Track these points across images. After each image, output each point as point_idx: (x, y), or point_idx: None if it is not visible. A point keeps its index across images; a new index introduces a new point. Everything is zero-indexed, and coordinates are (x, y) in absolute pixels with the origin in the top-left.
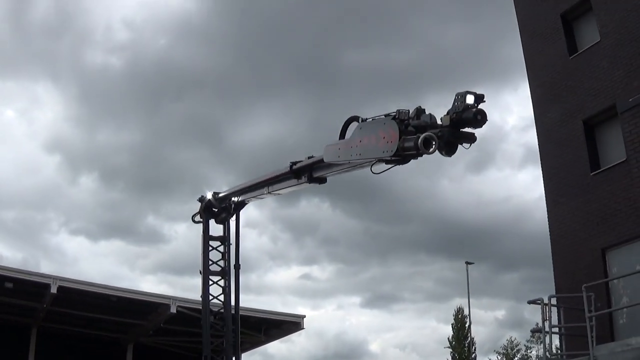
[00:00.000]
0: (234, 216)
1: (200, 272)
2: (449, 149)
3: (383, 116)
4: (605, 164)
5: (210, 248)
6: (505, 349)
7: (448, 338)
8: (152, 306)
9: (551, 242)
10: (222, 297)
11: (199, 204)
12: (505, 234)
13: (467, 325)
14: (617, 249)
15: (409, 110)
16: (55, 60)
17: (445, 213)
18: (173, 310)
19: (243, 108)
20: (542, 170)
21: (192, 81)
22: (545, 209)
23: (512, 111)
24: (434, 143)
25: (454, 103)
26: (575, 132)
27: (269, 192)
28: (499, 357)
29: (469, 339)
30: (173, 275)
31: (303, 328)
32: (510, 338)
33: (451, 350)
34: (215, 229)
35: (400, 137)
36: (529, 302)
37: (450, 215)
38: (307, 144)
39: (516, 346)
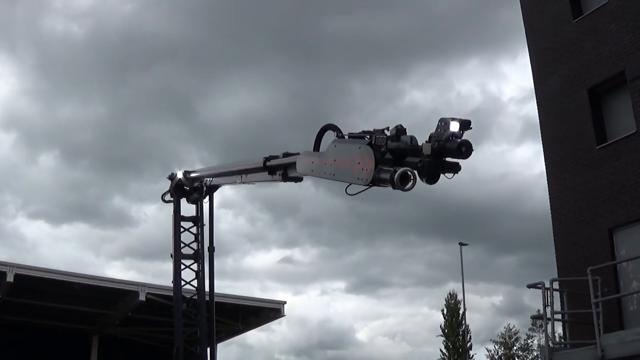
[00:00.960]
0: (207, 197)
1: (172, 256)
2: (429, 179)
3: (362, 132)
4: (612, 136)
5: (182, 229)
6: (503, 338)
7: (440, 325)
8: (120, 294)
9: (553, 222)
10: (195, 283)
11: (169, 182)
12: (503, 214)
13: (461, 312)
14: (625, 229)
15: (386, 135)
16: (9, 29)
17: (438, 191)
18: (142, 297)
19: (217, 79)
20: (543, 144)
21: (161, 50)
22: (547, 186)
23: (509, 81)
24: (411, 180)
25: (436, 129)
26: (579, 102)
27: (242, 182)
28: (497, 347)
29: (464, 326)
30: (142, 261)
31: (284, 315)
32: (509, 326)
33: (444, 338)
34: (187, 209)
35: (376, 166)
36: (529, 286)
37: (443, 193)
38: (289, 117)
39: (515, 334)
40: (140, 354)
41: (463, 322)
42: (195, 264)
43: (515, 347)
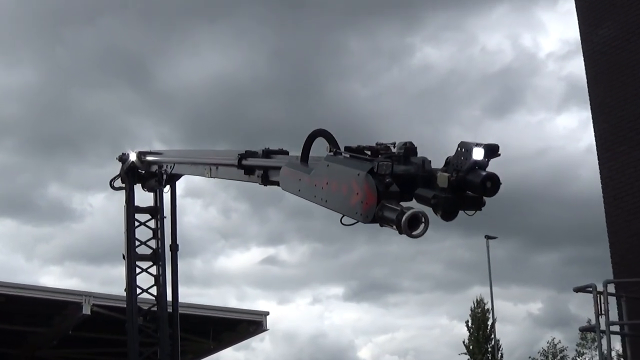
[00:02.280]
0: (168, 186)
1: (124, 257)
2: (445, 215)
3: (360, 147)
4: None
5: (136, 224)
6: (544, 356)
7: (464, 341)
8: (57, 306)
9: (605, 208)
10: (154, 291)
11: (120, 165)
12: (541, 199)
13: (489, 324)
14: None
15: (391, 153)
16: None
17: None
18: (86, 310)
19: (179, 35)
20: (592, 110)
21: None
22: (597, 163)
23: (548, 33)
24: (422, 224)
25: (455, 155)
26: (639, 56)
27: (211, 176)
28: None
29: (493, 342)
30: (87, 265)
31: (266, 329)
32: (552, 340)
33: (469, 357)
34: (144, 198)
35: (378, 201)
36: (576, 290)
37: None
38: (269, 82)
39: (560, 352)
40: None
41: (492, 336)
42: (154, 267)
43: None
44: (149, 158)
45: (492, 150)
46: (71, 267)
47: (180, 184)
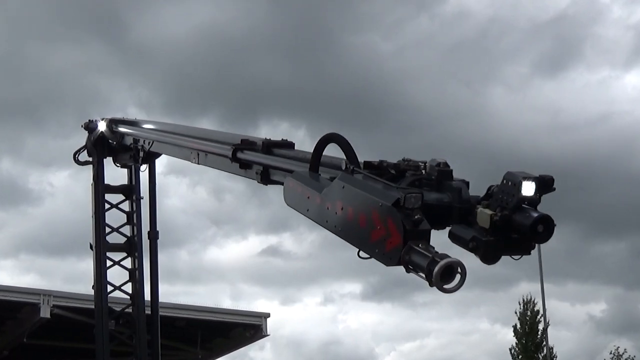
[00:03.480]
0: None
1: (92, 247)
2: (486, 260)
3: (382, 163)
4: None
5: (107, 206)
6: None
7: (510, 349)
8: (9, 309)
9: None
10: (129, 288)
11: (86, 134)
12: (603, 176)
13: (541, 328)
14: None
15: (421, 175)
16: None
17: (500, 142)
18: (45, 313)
19: None
20: None
21: None
22: None
23: None
24: (458, 276)
25: (500, 187)
26: None
27: (198, 163)
28: None
29: (546, 350)
30: (47, 258)
31: (266, 335)
32: (616, 350)
33: None
34: (116, 175)
35: (405, 242)
36: None
37: (507, 145)
38: (269, 36)
39: None
40: None
41: (544, 343)
42: (129, 259)
43: None
44: (122, 129)
45: (545, 185)
46: (27, 260)
47: (161, 159)
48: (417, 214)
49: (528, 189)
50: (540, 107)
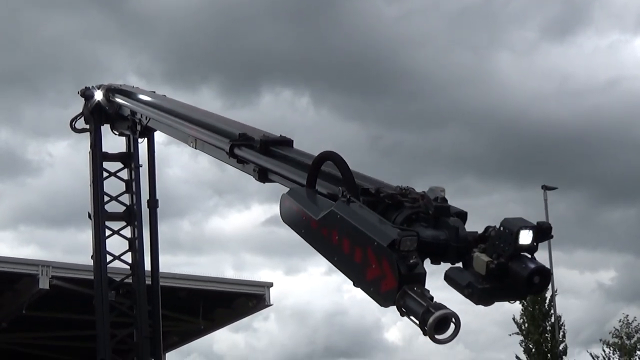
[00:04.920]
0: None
1: (90, 216)
2: (481, 303)
3: (379, 191)
4: None
5: (105, 174)
6: (618, 336)
7: (514, 318)
8: (7, 280)
9: None
10: (129, 257)
11: (83, 101)
12: (612, 141)
13: (548, 297)
14: None
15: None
16: None
17: (508, 109)
18: (44, 284)
19: None
20: None
21: None
22: None
23: None
24: (452, 328)
25: (498, 234)
26: None
27: (196, 148)
28: (608, 350)
29: (553, 319)
30: (47, 229)
31: (270, 305)
32: (626, 318)
33: (522, 338)
34: (115, 143)
35: (399, 287)
36: None
37: (515, 112)
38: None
39: (637, 331)
40: None
41: (552, 312)
42: (129, 228)
43: (638, 353)
44: (119, 100)
45: (543, 233)
46: (27, 232)
47: None
48: (413, 256)
49: (525, 238)
50: (548, 73)
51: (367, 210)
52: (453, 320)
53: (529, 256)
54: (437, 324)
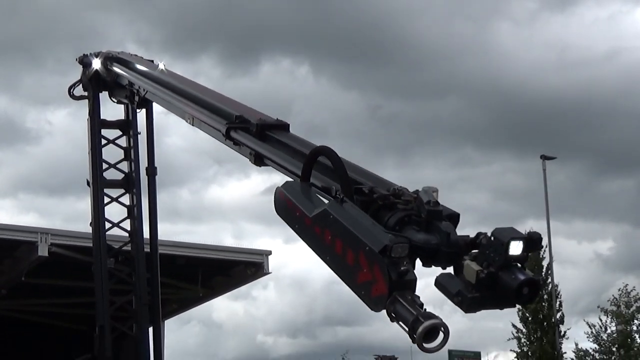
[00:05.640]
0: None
1: (89, 184)
2: (470, 311)
3: (372, 190)
4: None
5: (104, 142)
6: (616, 305)
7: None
8: (7, 248)
9: None
10: (127, 225)
11: (81, 68)
12: (611, 112)
13: (545, 265)
14: None
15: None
16: None
17: (507, 80)
18: (43, 251)
19: None
20: None
21: None
22: None
23: None
24: (440, 336)
25: (489, 243)
26: None
27: (193, 125)
28: (606, 319)
29: (550, 288)
30: (47, 198)
31: (268, 272)
32: (625, 288)
33: (519, 307)
34: (113, 110)
35: (389, 293)
36: None
37: (515, 83)
38: None
39: (636, 300)
40: (42, 340)
41: (549, 281)
42: (127, 196)
43: (636, 322)
44: (117, 69)
45: (533, 244)
46: (27, 200)
47: None
48: (404, 262)
49: (516, 248)
50: (548, 43)
51: (360, 212)
52: (442, 329)
53: (519, 265)
54: (426, 333)
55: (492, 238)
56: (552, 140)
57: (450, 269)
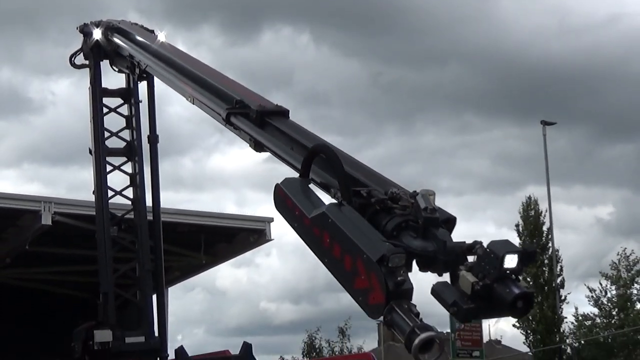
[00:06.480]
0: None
1: (91, 152)
2: (465, 321)
3: (370, 193)
4: None
5: (105, 110)
6: (615, 269)
7: None
8: (10, 216)
9: None
10: (130, 192)
11: (82, 37)
12: (612, 78)
13: (545, 229)
14: None
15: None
16: None
17: (508, 46)
18: (46, 220)
19: None
20: None
21: None
22: None
23: None
24: (435, 348)
25: (484, 255)
26: None
27: (193, 103)
28: (605, 284)
29: (550, 252)
30: (51, 167)
31: (271, 239)
32: (624, 252)
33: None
34: (114, 79)
35: (387, 301)
36: None
37: (516, 49)
38: None
39: (634, 264)
40: (46, 308)
41: (549, 245)
42: (130, 164)
43: (636, 286)
44: (117, 40)
45: (528, 257)
46: (31, 169)
47: None
48: (401, 272)
49: (510, 262)
50: (549, 10)
51: (358, 217)
52: (437, 340)
53: (514, 277)
54: (421, 347)
55: (488, 250)
56: (552, 106)
57: (446, 276)
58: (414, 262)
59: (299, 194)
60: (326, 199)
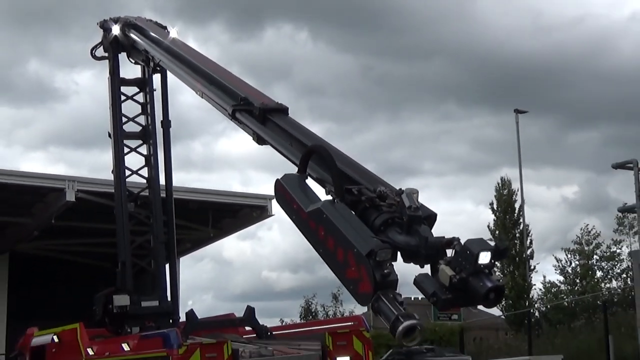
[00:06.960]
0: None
1: (110, 135)
2: (443, 310)
3: (361, 190)
4: None
5: (123, 98)
6: (578, 243)
7: (489, 225)
8: (38, 194)
9: None
10: (145, 172)
11: (102, 32)
12: (578, 73)
13: (517, 206)
14: None
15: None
16: None
17: (486, 43)
18: (70, 197)
19: None
20: None
21: None
22: None
23: None
24: (417, 333)
25: (462, 251)
26: None
27: (202, 97)
28: (570, 256)
29: (521, 227)
30: (75, 150)
31: (272, 215)
32: (586, 227)
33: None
34: (130, 70)
35: (374, 291)
36: (615, 167)
37: (492, 46)
38: None
39: (595, 238)
40: (70, 276)
41: (521, 221)
42: (145, 146)
43: (596, 257)
44: (134, 36)
45: (500, 254)
46: (56, 152)
47: None
48: (388, 264)
49: (484, 258)
50: (523, 10)
51: (350, 214)
52: (418, 327)
53: (487, 272)
54: (405, 333)
55: (464, 247)
56: (525, 97)
57: (427, 267)
58: (399, 255)
59: (297, 189)
60: (322, 193)
